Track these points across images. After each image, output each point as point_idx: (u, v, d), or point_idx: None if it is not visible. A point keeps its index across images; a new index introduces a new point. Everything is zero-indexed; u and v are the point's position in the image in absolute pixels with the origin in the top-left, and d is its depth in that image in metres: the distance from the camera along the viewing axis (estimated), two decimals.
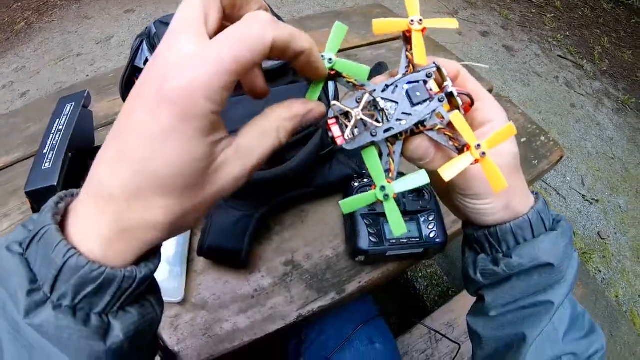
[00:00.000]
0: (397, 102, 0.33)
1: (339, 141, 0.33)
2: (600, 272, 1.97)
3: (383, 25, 0.34)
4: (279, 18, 0.84)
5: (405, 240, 0.66)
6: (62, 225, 0.27)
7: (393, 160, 0.34)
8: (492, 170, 0.32)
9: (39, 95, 2.51)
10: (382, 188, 0.32)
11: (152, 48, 0.81)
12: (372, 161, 0.33)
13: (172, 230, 0.28)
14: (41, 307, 0.25)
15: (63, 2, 3.36)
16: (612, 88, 3.02)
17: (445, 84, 0.33)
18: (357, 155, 0.78)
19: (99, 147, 0.36)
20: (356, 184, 0.73)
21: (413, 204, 0.69)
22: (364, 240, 0.66)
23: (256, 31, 0.26)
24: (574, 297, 0.42)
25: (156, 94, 0.24)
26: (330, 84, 0.77)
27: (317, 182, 0.74)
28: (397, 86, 0.33)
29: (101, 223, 0.26)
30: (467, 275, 0.45)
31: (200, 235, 0.68)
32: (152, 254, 0.29)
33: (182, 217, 0.27)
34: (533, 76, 2.95)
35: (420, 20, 0.33)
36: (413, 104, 0.33)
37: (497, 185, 0.32)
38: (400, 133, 0.33)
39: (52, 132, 0.62)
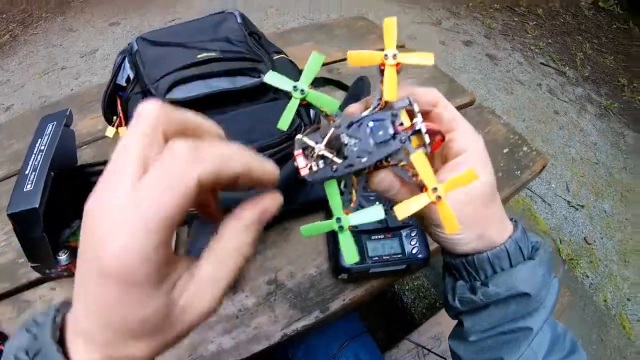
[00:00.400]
0: (359, 139, 0.33)
1: (303, 172, 0.33)
2: (587, 277, 1.99)
3: (358, 58, 0.33)
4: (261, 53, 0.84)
5: (387, 257, 0.66)
6: (62, 337, 0.28)
7: (356, 192, 0.35)
8: (446, 214, 0.32)
9: (23, 109, 2.49)
10: (338, 219, 0.33)
11: (134, 65, 0.82)
12: (332, 193, 0.34)
13: (157, 354, 0.28)
14: None
15: (48, 15, 3.35)
16: (595, 94, 3.07)
17: (414, 120, 0.33)
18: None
19: (81, 166, 0.36)
20: None
21: (395, 220, 0.69)
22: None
23: (176, 174, 0.23)
24: (554, 319, 0.42)
25: (97, 270, 0.24)
26: None
27: (299, 199, 0.74)
28: (361, 123, 0.33)
29: (92, 354, 0.26)
30: (446, 300, 0.45)
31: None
32: None
33: (162, 348, 0.28)
34: (516, 84, 2.99)
35: (395, 55, 0.32)
36: (375, 143, 0.33)
37: (451, 228, 0.32)
38: (363, 169, 0.34)
39: (34, 152, 0.62)
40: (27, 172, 0.59)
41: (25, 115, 1.04)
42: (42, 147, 0.63)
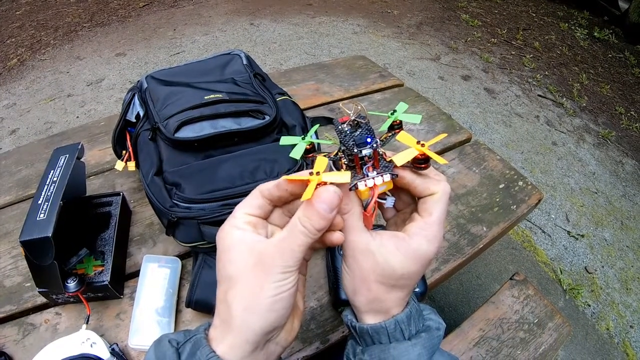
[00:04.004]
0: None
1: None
2: (589, 306, 1.98)
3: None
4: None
5: None
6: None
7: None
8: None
9: (28, 134, 2.53)
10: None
11: (144, 102, 0.85)
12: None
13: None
14: None
15: (56, 42, 3.43)
16: (592, 123, 3.11)
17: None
18: None
19: (90, 197, 0.46)
20: None
21: None
22: None
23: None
24: None
25: None
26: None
27: None
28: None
29: (238, 350, 0.37)
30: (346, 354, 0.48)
31: (188, 289, 0.71)
32: None
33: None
34: (514, 117, 3.03)
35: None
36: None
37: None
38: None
39: (47, 183, 0.65)
40: (39, 201, 0.62)
41: (33, 143, 1.07)
42: (55, 179, 0.66)
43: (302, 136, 0.42)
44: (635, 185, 2.66)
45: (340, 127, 0.41)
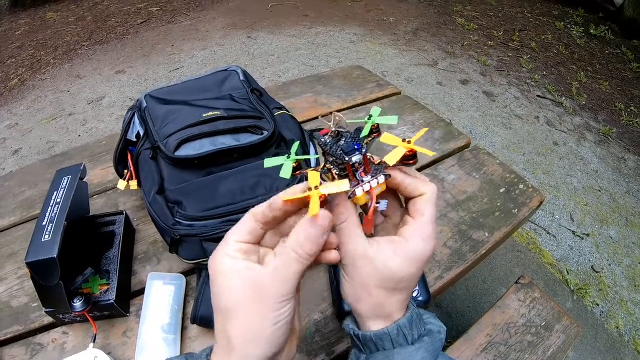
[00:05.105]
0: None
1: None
2: (598, 305, 1.97)
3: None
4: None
5: None
6: None
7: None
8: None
9: (31, 153, 2.55)
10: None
11: (143, 122, 0.86)
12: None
13: None
14: None
15: (56, 61, 3.47)
16: (593, 121, 3.11)
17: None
18: None
19: (93, 217, 0.66)
20: None
21: None
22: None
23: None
24: None
25: None
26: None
27: None
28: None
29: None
30: None
31: (194, 306, 0.71)
32: None
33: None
34: (514, 119, 3.04)
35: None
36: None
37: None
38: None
39: (51, 204, 0.66)
40: (44, 223, 0.63)
41: (36, 165, 1.09)
42: (59, 200, 0.67)
43: (287, 155, 0.42)
44: (639, 181, 2.65)
45: (322, 139, 0.42)
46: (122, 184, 0.85)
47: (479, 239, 0.92)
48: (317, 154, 0.89)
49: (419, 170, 1.09)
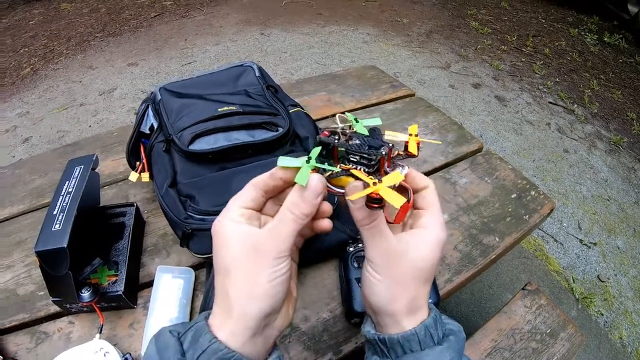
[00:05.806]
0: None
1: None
2: (602, 315, 1.96)
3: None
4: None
5: None
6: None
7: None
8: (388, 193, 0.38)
9: (41, 142, 2.57)
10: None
11: (157, 114, 0.86)
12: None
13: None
14: None
15: (69, 51, 3.49)
16: (604, 129, 3.08)
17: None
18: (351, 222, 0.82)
19: (104, 208, 0.72)
20: (351, 249, 0.76)
21: None
22: (359, 303, 0.69)
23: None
24: None
25: None
26: None
27: (313, 247, 0.77)
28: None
29: (239, 336, 0.39)
30: None
31: (202, 300, 0.71)
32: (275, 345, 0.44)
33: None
34: (525, 125, 3.02)
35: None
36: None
37: (397, 201, 0.37)
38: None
39: (62, 194, 0.66)
40: (55, 212, 0.63)
41: (47, 153, 1.09)
42: (70, 190, 0.67)
43: (307, 159, 0.41)
44: None
45: (340, 142, 0.42)
46: (133, 176, 0.85)
47: (489, 243, 0.92)
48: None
49: (429, 173, 1.09)
